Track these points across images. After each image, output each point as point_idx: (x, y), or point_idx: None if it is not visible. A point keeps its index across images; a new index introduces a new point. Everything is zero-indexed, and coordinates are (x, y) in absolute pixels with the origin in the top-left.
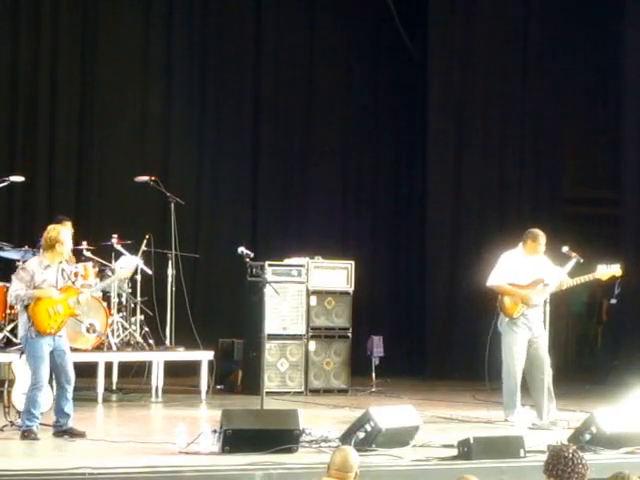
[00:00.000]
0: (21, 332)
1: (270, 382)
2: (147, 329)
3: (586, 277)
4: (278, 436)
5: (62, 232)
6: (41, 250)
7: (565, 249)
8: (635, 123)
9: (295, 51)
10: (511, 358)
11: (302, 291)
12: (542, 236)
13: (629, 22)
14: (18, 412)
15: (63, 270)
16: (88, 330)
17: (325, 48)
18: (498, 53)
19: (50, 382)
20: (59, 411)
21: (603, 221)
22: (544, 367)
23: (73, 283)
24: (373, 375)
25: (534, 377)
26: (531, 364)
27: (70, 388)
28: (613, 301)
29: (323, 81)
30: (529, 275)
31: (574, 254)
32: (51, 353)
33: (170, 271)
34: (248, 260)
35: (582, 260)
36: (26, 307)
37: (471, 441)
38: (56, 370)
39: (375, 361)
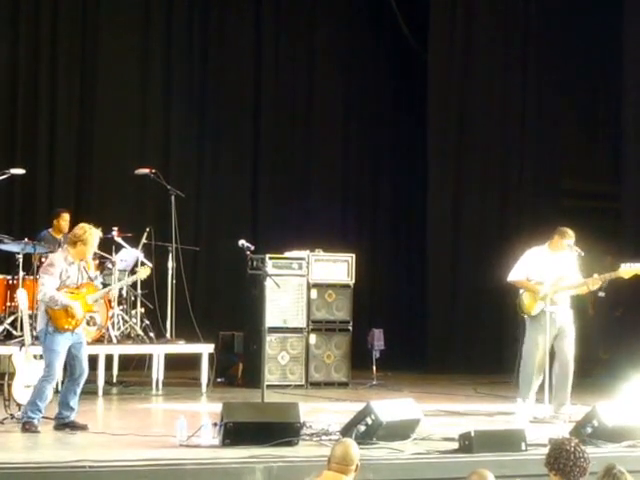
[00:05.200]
0: (40, 325)
1: (271, 375)
2: (147, 322)
3: (609, 275)
4: (279, 429)
5: (87, 232)
6: (65, 245)
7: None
8: (635, 117)
9: (295, 46)
10: (530, 356)
11: (303, 284)
12: (569, 234)
13: (629, 16)
14: (18, 405)
15: (84, 268)
16: (88, 323)
17: (326, 42)
18: (499, 46)
19: None
20: (64, 404)
21: (603, 214)
22: (564, 361)
23: (91, 279)
24: (374, 368)
25: (554, 369)
26: (554, 356)
27: (81, 382)
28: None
29: (324, 74)
30: (553, 272)
31: (575, 248)
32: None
33: (170, 264)
34: (249, 253)
35: (583, 253)
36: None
37: (472, 434)
38: (71, 362)
39: (376, 354)
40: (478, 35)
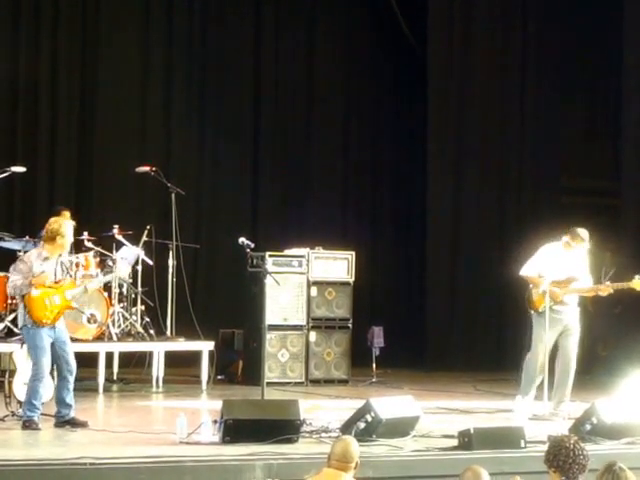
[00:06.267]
0: (20, 322)
1: (270, 372)
2: (148, 319)
3: (621, 285)
4: (279, 426)
5: (64, 225)
6: (41, 242)
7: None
8: (634, 112)
9: (295, 45)
10: (535, 352)
11: (303, 282)
12: (581, 238)
13: (629, 14)
14: (19, 402)
15: (62, 263)
16: (89, 320)
17: (325, 42)
18: (498, 46)
19: (51, 372)
20: (60, 402)
21: (602, 211)
22: (566, 358)
23: (71, 276)
24: (373, 366)
25: (556, 367)
26: (556, 353)
27: (72, 379)
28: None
29: (324, 72)
30: (565, 271)
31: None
32: (52, 344)
33: (171, 261)
34: (249, 250)
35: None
36: (23, 297)
37: (471, 431)
38: (58, 361)
39: (375, 352)
40: (477, 34)
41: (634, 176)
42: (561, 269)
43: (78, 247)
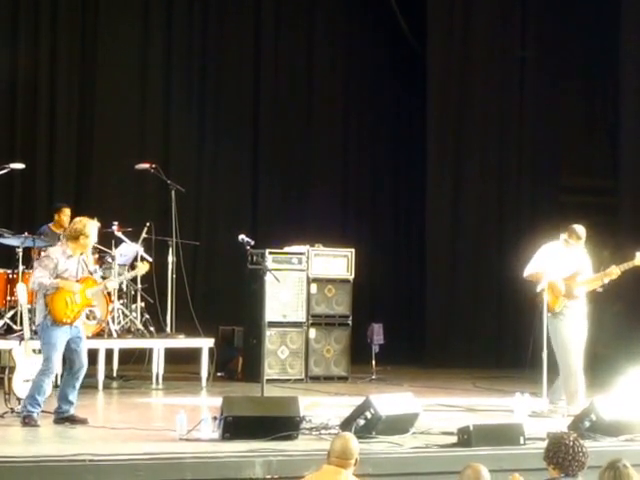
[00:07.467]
0: (38, 319)
1: (270, 369)
2: (147, 316)
3: (627, 265)
4: (278, 423)
5: (88, 225)
6: (64, 239)
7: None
8: (632, 112)
9: (294, 42)
10: (568, 355)
11: (302, 279)
12: (577, 236)
13: (627, 13)
14: (18, 399)
15: (83, 261)
16: (88, 317)
17: (325, 41)
18: (497, 45)
19: None
20: (63, 398)
21: (601, 210)
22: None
23: (91, 274)
24: (373, 363)
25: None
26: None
27: (81, 376)
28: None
29: (323, 71)
30: (568, 267)
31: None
32: (67, 340)
33: (170, 258)
34: (249, 248)
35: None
36: (45, 295)
37: (471, 428)
38: (70, 357)
39: (375, 349)
40: (477, 34)
41: (632, 175)
42: (564, 266)
43: None
